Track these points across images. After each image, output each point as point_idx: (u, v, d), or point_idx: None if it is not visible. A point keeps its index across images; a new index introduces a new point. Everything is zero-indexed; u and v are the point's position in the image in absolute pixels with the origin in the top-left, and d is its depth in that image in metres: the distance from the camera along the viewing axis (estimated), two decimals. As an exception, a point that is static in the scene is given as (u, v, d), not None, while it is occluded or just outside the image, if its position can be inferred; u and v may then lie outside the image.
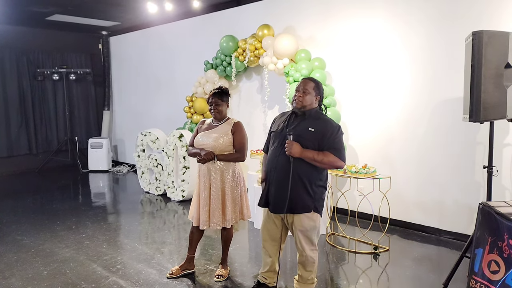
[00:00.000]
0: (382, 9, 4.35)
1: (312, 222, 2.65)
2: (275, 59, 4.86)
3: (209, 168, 3.08)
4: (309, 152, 2.54)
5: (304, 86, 2.65)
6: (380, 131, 4.48)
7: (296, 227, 2.66)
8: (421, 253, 3.76)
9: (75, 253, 3.79)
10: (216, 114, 3.11)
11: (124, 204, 5.74)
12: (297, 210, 2.62)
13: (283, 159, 2.60)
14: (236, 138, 3.06)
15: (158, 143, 5.89)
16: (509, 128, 3.61)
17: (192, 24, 6.52)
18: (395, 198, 4.12)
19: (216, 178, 3.06)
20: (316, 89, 2.67)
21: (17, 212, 5.18)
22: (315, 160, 2.54)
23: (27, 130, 7.78)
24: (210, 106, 3.12)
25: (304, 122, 2.62)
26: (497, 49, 2.71)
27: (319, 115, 2.68)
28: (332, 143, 2.56)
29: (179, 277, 3.25)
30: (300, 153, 2.53)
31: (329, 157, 2.54)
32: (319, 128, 2.58)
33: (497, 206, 2.50)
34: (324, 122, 2.62)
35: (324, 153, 2.54)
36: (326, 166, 2.59)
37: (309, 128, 2.58)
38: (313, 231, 2.67)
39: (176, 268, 3.30)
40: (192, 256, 3.35)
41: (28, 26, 7.43)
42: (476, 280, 2.52)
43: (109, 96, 8.54)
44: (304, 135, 2.57)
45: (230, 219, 3.10)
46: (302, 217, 2.63)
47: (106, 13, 6.55)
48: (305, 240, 2.67)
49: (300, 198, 2.59)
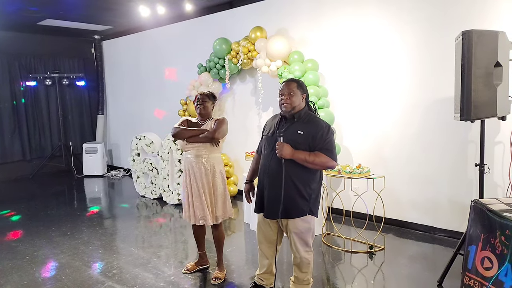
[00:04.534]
0: (374, 10, 4.39)
1: (307, 224, 2.64)
2: (268, 61, 4.88)
3: (200, 165, 3.12)
4: (300, 153, 2.52)
5: (288, 88, 2.63)
6: (374, 131, 4.52)
7: (291, 230, 2.65)
8: (415, 251, 3.79)
9: (71, 258, 3.77)
10: (202, 109, 3.17)
11: (120, 208, 5.73)
12: (292, 214, 2.60)
13: (275, 163, 2.60)
14: (216, 124, 3.12)
15: (153, 147, 5.88)
16: (500, 126, 3.66)
17: (185, 27, 6.52)
18: (389, 197, 4.15)
19: (206, 174, 3.12)
20: (300, 88, 2.65)
21: (12, 218, 5.14)
22: (306, 161, 2.52)
23: (20, 136, 7.73)
24: (196, 103, 3.20)
25: (294, 125, 2.61)
26: (487, 48, 2.75)
27: (308, 116, 2.65)
28: (323, 143, 2.54)
29: (194, 272, 3.39)
30: (291, 154, 2.51)
31: (320, 157, 2.53)
32: (308, 130, 2.57)
33: (489, 204, 2.54)
34: (314, 124, 2.60)
35: (316, 153, 2.53)
36: (318, 167, 2.57)
37: (298, 131, 2.57)
38: (308, 233, 2.67)
39: (191, 264, 3.44)
40: (203, 252, 3.47)
41: (20, 31, 7.38)
42: (470, 277, 2.55)
43: (103, 101, 8.51)
44: (295, 138, 2.56)
45: (220, 215, 3.18)
46: (297, 220, 2.62)
47: (98, 17, 6.53)
48: (300, 242, 2.66)
49: (294, 202, 2.58)
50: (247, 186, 3.03)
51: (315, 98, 4.44)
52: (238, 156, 5.48)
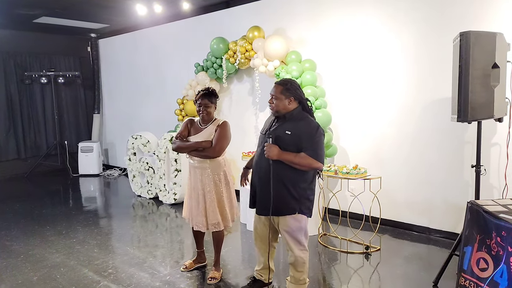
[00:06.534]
0: (372, 11, 4.40)
1: (297, 223, 2.67)
2: (265, 61, 4.88)
3: (201, 170, 3.09)
4: (287, 155, 2.55)
5: (274, 91, 2.65)
6: (371, 132, 4.52)
7: (282, 228, 2.70)
8: (411, 252, 3.80)
9: (66, 258, 3.75)
10: (205, 116, 3.12)
11: (116, 208, 5.70)
12: (281, 212, 2.65)
13: (265, 162, 2.63)
14: (216, 135, 3.08)
15: (149, 146, 5.86)
16: (497, 128, 3.67)
17: (182, 26, 6.50)
18: (386, 198, 4.15)
19: (209, 181, 3.09)
20: (285, 92, 2.62)
21: (6, 217, 5.10)
22: (293, 162, 2.55)
23: (15, 135, 7.66)
24: (198, 108, 3.11)
25: (284, 125, 2.63)
26: (484, 49, 2.76)
27: (301, 116, 2.65)
28: (310, 144, 2.55)
29: (192, 270, 3.41)
30: (278, 156, 2.54)
31: (306, 159, 2.53)
32: (296, 130, 2.58)
33: (485, 205, 2.55)
34: (303, 124, 2.61)
35: (301, 155, 2.54)
36: (305, 168, 2.58)
37: (286, 131, 2.59)
38: (300, 232, 2.69)
39: (190, 262, 3.44)
40: (201, 251, 3.47)
41: (15, 28, 7.32)
42: (466, 278, 2.56)
43: (99, 100, 8.47)
44: (283, 138, 2.58)
45: (220, 223, 3.13)
46: (288, 218, 2.65)
47: (94, 15, 6.49)
48: (292, 240, 2.69)
49: (283, 200, 2.61)
50: (243, 172, 3.19)
51: (313, 98, 4.43)
52: (234, 156, 5.47)
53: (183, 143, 3.12)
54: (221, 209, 3.13)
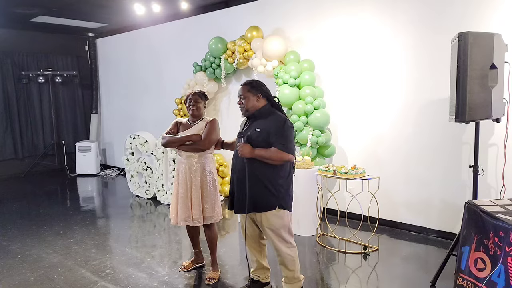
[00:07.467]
0: (371, 11, 4.40)
1: (279, 219, 2.68)
2: (264, 61, 4.87)
3: (190, 165, 3.12)
4: (259, 151, 2.60)
5: (241, 93, 2.72)
6: (369, 132, 4.53)
7: (264, 226, 2.71)
8: (409, 252, 3.81)
9: (63, 258, 3.73)
10: (194, 111, 3.18)
11: (113, 208, 5.68)
12: (260, 208, 2.67)
13: (240, 162, 2.69)
14: (206, 129, 3.12)
15: (147, 146, 5.84)
16: (494, 128, 3.68)
17: (180, 26, 6.49)
18: (384, 198, 4.16)
19: (196, 175, 3.11)
20: (252, 90, 2.70)
21: (3, 217, 5.08)
22: (265, 158, 2.59)
23: (12, 134, 7.63)
24: (188, 104, 3.20)
25: (254, 124, 2.70)
26: (482, 50, 2.76)
27: (269, 112, 2.71)
28: (278, 138, 2.59)
29: (190, 270, 3.40)
30: (250, 154, 2.59)
31: (277, 152, 2.58)
32: (265, 126, 2.64)
33: (482, 205, 2.55)
34: (271, 119, 2.67)
35: (272, 149, 2.59)
36: (277, 162, 2.62)
37: (256, 128, 2.65)
38: (283, 228, 2.71)
39: (188, 263, 3.44)
40: (198, 251, 3.47)
41: (12, 28, 7.30)
42: (463, 278, 2.56)
43: (97, 99, 8.44)
44: (253, 136, 2.64)
45: (211, 216, 3.15)
46: (268, 215, 2.67)
47: (92, 14, 6.48)
48: (277, 238, 2.71)
49: (261, 197, 2.64)
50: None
51: (311, 98, 4.44)
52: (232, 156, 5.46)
53: (172, 137, 3.16)
54: (212, 202, 3.17)
